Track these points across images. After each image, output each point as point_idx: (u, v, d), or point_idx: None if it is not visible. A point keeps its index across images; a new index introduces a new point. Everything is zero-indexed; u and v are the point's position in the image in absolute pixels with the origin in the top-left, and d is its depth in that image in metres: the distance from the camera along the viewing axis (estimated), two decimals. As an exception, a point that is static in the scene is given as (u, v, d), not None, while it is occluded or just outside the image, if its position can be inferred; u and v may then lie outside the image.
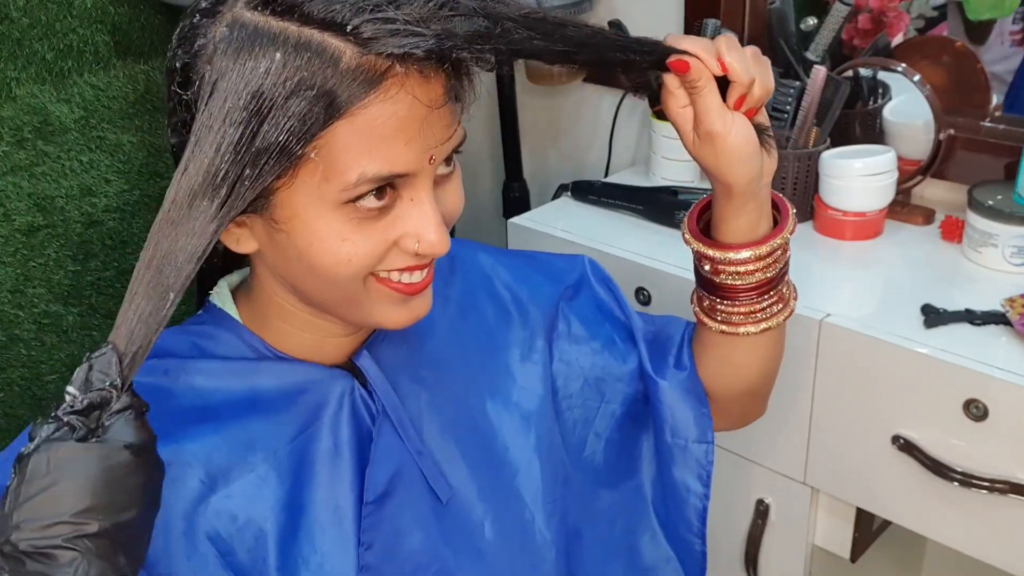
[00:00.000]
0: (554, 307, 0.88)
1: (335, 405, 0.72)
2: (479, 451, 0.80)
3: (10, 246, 1.19)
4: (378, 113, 0.59)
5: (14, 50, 1.18)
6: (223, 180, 0.58)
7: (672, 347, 0.90)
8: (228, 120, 0.58)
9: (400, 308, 0.68)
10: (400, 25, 0.57)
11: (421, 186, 0.64)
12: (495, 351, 0.84)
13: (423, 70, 0.60)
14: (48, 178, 1.21)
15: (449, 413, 0.79)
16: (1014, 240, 1.14)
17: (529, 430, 0.83)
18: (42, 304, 1.22)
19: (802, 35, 1.44)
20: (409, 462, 0.75)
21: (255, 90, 0.57)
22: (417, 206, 0.64)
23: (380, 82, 0.59)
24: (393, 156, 0.61)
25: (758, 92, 0.70)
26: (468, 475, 0.78)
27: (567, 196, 1.50)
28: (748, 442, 1.23)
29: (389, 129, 0.60)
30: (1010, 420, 0.98)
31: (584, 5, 1.60)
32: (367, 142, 0.60)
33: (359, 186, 0.61)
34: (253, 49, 0.58)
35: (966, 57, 1.34)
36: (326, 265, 0.64)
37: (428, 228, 0.64)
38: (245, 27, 0.59)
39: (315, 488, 0.71)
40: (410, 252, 0.65)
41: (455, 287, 0.84)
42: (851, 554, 1.22)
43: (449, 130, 0.64)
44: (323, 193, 0.61)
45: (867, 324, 1.08)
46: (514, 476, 0.82)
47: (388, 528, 0.73)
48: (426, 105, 0.61)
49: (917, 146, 1.32)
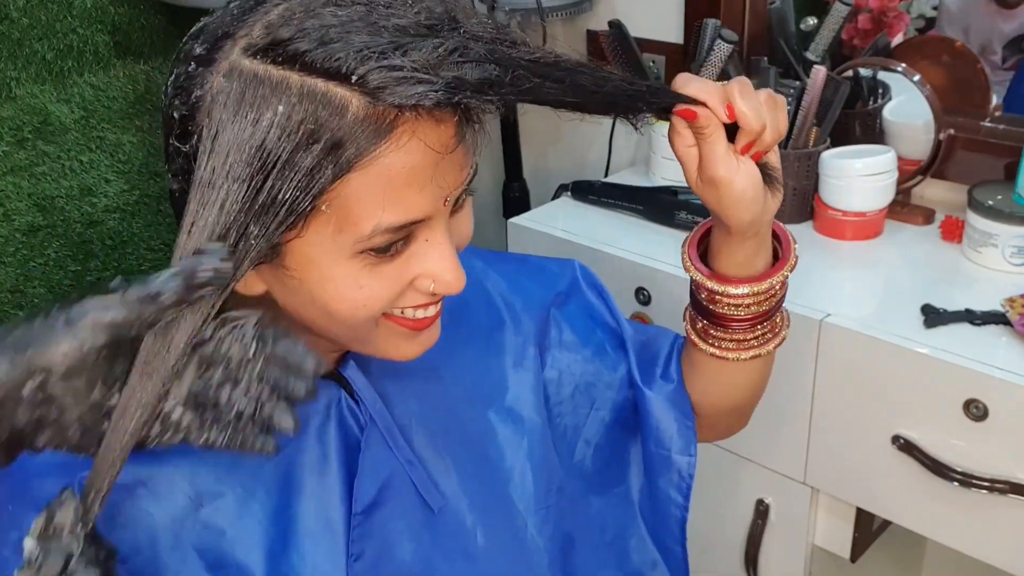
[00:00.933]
0: (546, 314, 0.88)
1: (322, 416, 0.71)
2: (471, 459, 0.79)
3: (10, 246, 1.19)
4: (391, 163, 0.57)
5: (14, 50, 1.18)
6: (230, 242, 0.56)
7: (660, 358, 0.90)
8: (231, 177, 0.55)
9: (410, 342, 0.67)
10: (408, 72, 0.54)
11: (437, 227, 0.62)
12: (487, 358, 0.84)
13: (434, 115, 0.58)
14: (48, 178, 1.21)
15: (440, 421, 0.78)
16: (1014, 240, 1.14)
17: (522, 437, 0.83)
18: (42, 304, 1.22)
19: (802, 35, 1.44)
20: (399, 471, 0.74)
21: (258, 144, 0.55)
22: (434, 247, 0.63)
23: (391, 131, 0.57)
24: (408, 204, 0.59)
25: (769, 138, 0.68)
26: (460, 483, 0.77)
27: (567, 196, 1.50)
28: (748, 442, 1.23)
29: (402, 178, 0.58)
30: (1010, 420, 0.98)
31: (584, 5, 1.60)
32: (381, 193, 0.58)
33: (374, 237, 0.59)
34: (254, 101, 0.55)
35: (966, 57, 1.34)
36: (341, 311, 0.62)
37: (445, 269, 0.63)
38: (244, 76, 0.56)
39: (303, 500, 0.70)
40: (425, 292, 0.64)
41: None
42: (851, 554, 1.22)
43: (463, 172, 0.62)
44: (338, 243, 0.59)
45: (867, 324, 1.08)
46: (507, 483, 0.81)
47: (377, 539, 0.72)
48: (438, 151, 0.59)
49: (917, 146, 1.32)
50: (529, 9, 1.56)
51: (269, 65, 0.56)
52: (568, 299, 0.91)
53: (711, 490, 1.31)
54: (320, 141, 0.55)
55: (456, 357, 0.81)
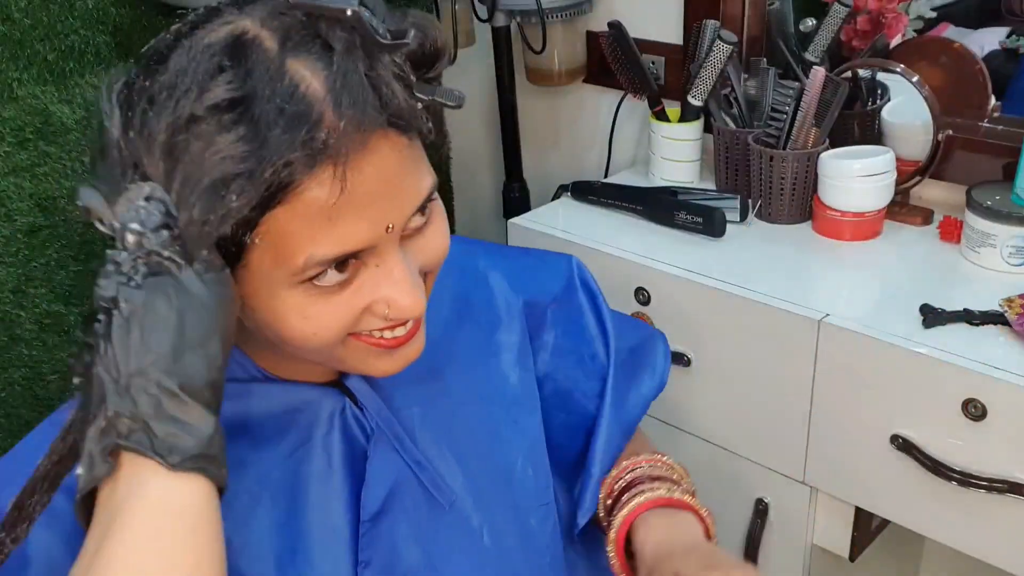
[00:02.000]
0: (542, 314, 0.89)
1: (326, 425, 0.71)
2: (474, 457, 0.79)
3: (12, 246, 1.19)
4: (315, 195, 0.54)
5: (16, 51, 1.18)
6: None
7: (646, 366, 0.93)
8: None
9: (386, 359, 0.66)
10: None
11: (386, 253, 0.60)
12: (488, 355, 0.84)
13: (366, 136, 0.55)
14: (50, 178, 1.21)
15: (444, 421, 0.78)
16: (1012, 240, 1.15)
17: (523, 435, 0.83)
18: (44, 304, 1.23)
19: (801, 36, 1.44)
20: (407, 475, 0.74)
21: (184, 178, 0.53)
22: (384, 273, 0.60)
23: (313, 164, 0.54)
24: (342, 236, 0.56)
25: None
26: (465, 482, 0.78)
27: (567, 196, 1.51)
28: (747, 442, 1.23)
29: (330, 209, 0.55)
30: (1008, 420, 0.98)
31: (584, 6, 1.61)
32: (310, 225, 0.55)
33: (308, 269, 0.57)
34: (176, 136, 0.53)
35: (964, 58, 1.34)
36: (294, 339, 0.61)
37: (398, 293, 0.60)
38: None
39: (309, 509, 0.70)
40: (382, 316, 0.62)
41: (449, 288, 0.83)
42: (850, 553, 1.23)
43: (404, 195, 0.59)
44: (275, 276, 0.58)
45: (866, 324, 1.08)
46: (509, 481, 0.82)
47: (385, 544, 0.72)
48: (375, 171, 0.56)
49: (916, 147, 1.32)
50: (529, 10, 1.56)
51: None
52: (562, 301, 0.91)
53: (711, 489, 1.32)
54: (242, 176, 0.53)
55: (459, 357, 0.82)
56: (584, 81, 1.71)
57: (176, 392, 0.51)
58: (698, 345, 1.24)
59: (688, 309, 1.23)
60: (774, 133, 1.31)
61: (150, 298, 0.51)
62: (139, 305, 0.51)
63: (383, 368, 0.66)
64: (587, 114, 1.75)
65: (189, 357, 0.51)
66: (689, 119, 1.43)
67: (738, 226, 1.34)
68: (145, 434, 0.50)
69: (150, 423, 0.50)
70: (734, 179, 1.41)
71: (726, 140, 1.39)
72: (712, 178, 1.48)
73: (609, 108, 1.67)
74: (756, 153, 1.32)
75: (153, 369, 0.50)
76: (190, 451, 0.51)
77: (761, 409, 1.20)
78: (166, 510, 0.50)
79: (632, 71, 1.48)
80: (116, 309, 0.51)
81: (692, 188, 1.43)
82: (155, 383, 0.50)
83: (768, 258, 1.26)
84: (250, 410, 0.70)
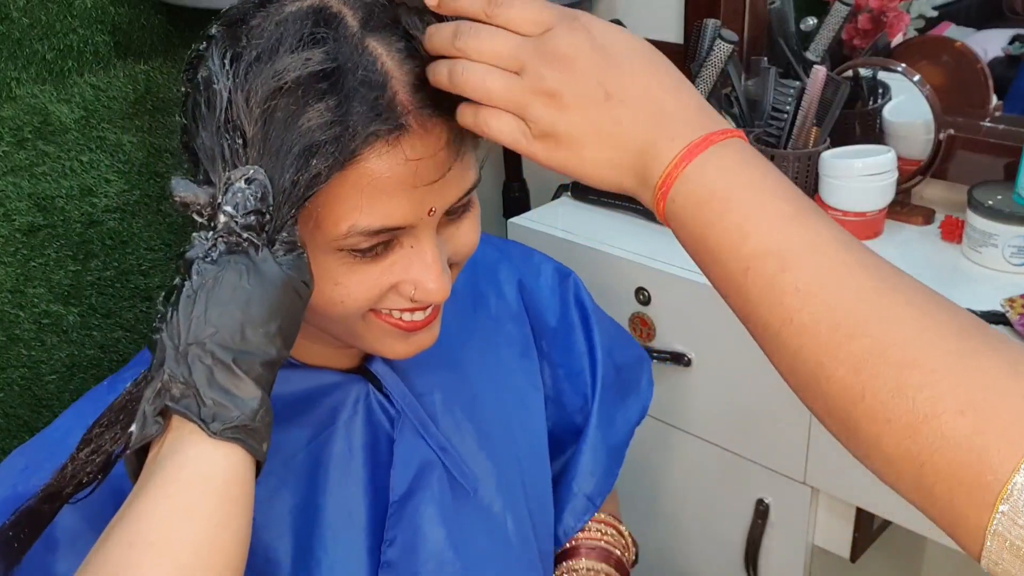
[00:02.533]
0: (540, 319, 0.91)
1: (350, 410, 0.73)
2: (492, 445, 0.81)
3: (10, 246, 1.19)
4: (372, 167, 0.58)
5: (14, 50, 1.18)
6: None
7: (630, 390, 0.96)
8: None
9: (402, 342, 0.68)
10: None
11: (422, 235, 0.62)
12: (499, 347, 0.86)
13: (427, 120, 0.59)
14: (48, 178, 1.21)
15: (463, 408, 0.80)
16: (1014, 240, 1.14)
17: (534, 424, 0.86)
18: (42, 304, 1.23)
19: (802, 35, 1.44)
20: (432, 459, 0.76)
21: (277, 143, 0.56)
22: (417, 254, 0.63)
23: (379, 138, 0.57)
24: (387, 211, 0.59)
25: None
26: (487, 468, 0.79)
27: (567, 196, 1.50)
28: (748, 442, 1.23)
29: (383, 183, 0.58)
30: (1010, 420, 0.98)
31: (584, 5, 1.60)
32: (360, 195, 0.58)
33: (350, 238, 0.59)
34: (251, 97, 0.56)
35: (966, 57, 1.34)
36: (319, 304, 0.62)
37: (427, 277, 0.63)
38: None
39: (328, 492, 0.71)
40: (407, 297, 0.64)
41: (463, 281, 0.84)
42: (851, 554, 1.22)
43: (451, 183, 0.62)
44: (314, 238, 0.60)
45: (867, 324, 1.08)
46: (525, 469, 0.84)
47: (409, 525, 0.74)
48: (422, 158, 0.59)
49: (917, 146, 1.32)
50: (529, 9, 1.56)
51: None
52: (559, 317, 0.92)
53: (711, 490, 1.31)
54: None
55: (473, 345, 0.84)
56: (584, 80, 1.71)
57: (230, 365, 0.52)
58: (698, 345, 1.24)
59: (688, 309, 1.23)
60: (775, 132, 1.30)
61: (221, 274, 0.53)
62: (209, 279, 0.53)
63: (397, 350, 0.68)
64: (587, 113, 1.74)
65: (249, 333, 0.53)
66: (689, 118, 1.42)
67: (739, 226, 1.34)
68: (194, 400, 0.52)
69: (200, 390, 0.52)
70: (735, 178, 1.41)
71: (727, 139, 1.39)
72: (713, 177, 1.47)
73: (609, 107, 1.66)
74: (757, 152, 1.32)
75: (211, 341, 0.52)
76: (232, 421, 0.52)
77: (762, 409, 1.20)
78: (197, 473, 0.52)
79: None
80: (188, 280, 0.54)
81: (692, 188, 1.43)
82: (210, 354, 0.52)
83: (769, 258, 1.26)
84: (274, 396, 0.70)
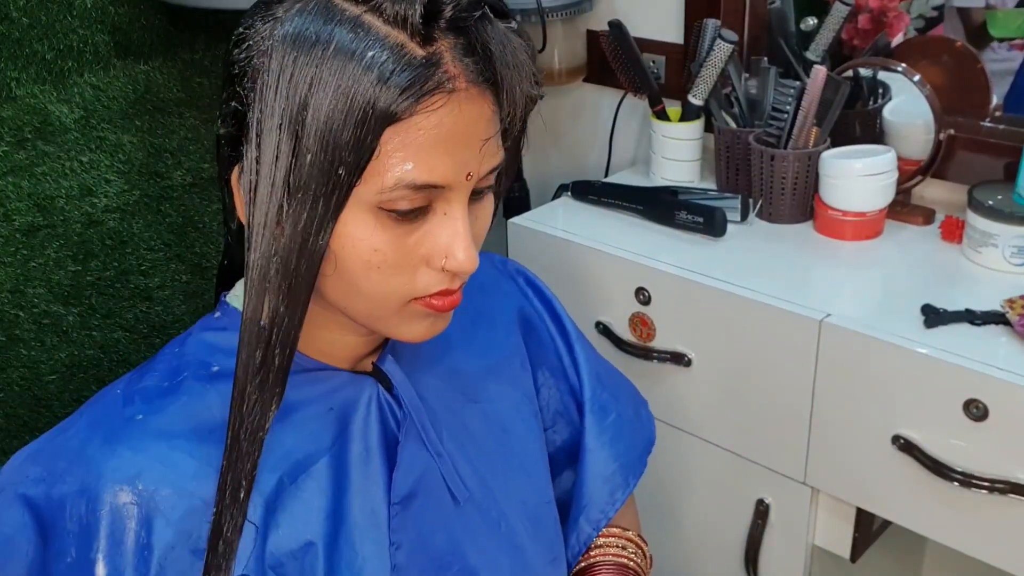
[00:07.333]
0: (537, 328, 0.92)
1: (364, 410, 0.74)
2: (492, 451, 0.82)
3: (10, 246, 1.19)
4: (423, 122, 0.60)
5: (14, 50, 1.18)
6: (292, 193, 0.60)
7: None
8: (283, 131, 0.60)
9: (423, 322, 0.69)
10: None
11: (455, 200, 0.64)
12: (500, 355, 0.87)
13: (471, 88, 0.62)
14: (48, 178, 1.21)
15: (463, 414, 0.81)
16: (1014, 240, 1.14)
17: (535, 432, 0.87)
18: (42, 304, 1.22)
19: (802, 35, 1.44)
20: (431, 464, 0.76)
21: (302, 104, 0.59)
22: (449, 221, 0.65)
23: (432, 92, 0.60)
24: (433, 166, 0.62)
25: None
26: (485, 476, 0.80)
27: (567, 196, 1.50)
28: (748, 442, 1.23)
29: (431, 139, 0.61)
30: (1010, 420, 0.98)
31: (584, 5, 1.60)
32: (409, 149, 0.61)
33: (395, 190, 0.61)
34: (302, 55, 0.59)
35: (966, 57, 1.34)
36: (355, 270, 0.64)
37: (457, 245, 0.65)
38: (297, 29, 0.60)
39: (352, 494, 0.72)
40: (438, 270, 0.66)
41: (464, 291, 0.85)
42: (851, 554, 1.22)
43: (490, 153, 0.65)
44: (359, 194, 0.62)
45: (867, 324, 1.08)
46: (524, 474, 0.84)
47: (413, 528, 0.74)
48: (471, 121, 0.62)
49: (917, 146, 1.32)
50: (529, 9, 1.56)
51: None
52: (548, 333, 0.94)
53: (711, 490, 1.31)
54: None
55: (475, 351, 0.84)
56: (584, 80, 1.71)
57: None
58: (698, 345, 1.24)
59: (688, 309, 1.23)
60: (775, 132, 1.30)
61: None
62: None
63: (416, 332, 0.69)
64: (587, 113, 1.75)
65: None
66: (690, 118, 1.43)
67: (739, 226, 1.34)
68: None
69: None
70: (735, 179, 1.41)
71: (727, 139, 1.39)
72: (713, 178, 1.48)
73: (609, 107, 1.67)
74: (757, 152, 1.32)
75: None
76: None
77: (762, 409, 1.20)
78: None
79: (633, 70, 1.48)
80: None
81: (693, 188, 1.43)
82: None
83: (769, 258, 1.26)
84: (289, 401, 0.71)
